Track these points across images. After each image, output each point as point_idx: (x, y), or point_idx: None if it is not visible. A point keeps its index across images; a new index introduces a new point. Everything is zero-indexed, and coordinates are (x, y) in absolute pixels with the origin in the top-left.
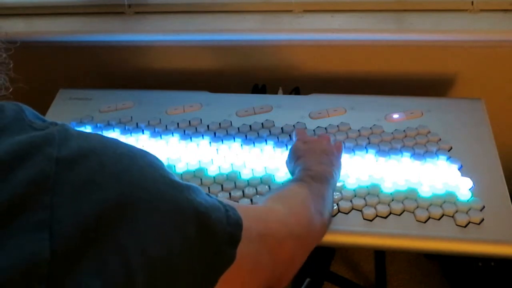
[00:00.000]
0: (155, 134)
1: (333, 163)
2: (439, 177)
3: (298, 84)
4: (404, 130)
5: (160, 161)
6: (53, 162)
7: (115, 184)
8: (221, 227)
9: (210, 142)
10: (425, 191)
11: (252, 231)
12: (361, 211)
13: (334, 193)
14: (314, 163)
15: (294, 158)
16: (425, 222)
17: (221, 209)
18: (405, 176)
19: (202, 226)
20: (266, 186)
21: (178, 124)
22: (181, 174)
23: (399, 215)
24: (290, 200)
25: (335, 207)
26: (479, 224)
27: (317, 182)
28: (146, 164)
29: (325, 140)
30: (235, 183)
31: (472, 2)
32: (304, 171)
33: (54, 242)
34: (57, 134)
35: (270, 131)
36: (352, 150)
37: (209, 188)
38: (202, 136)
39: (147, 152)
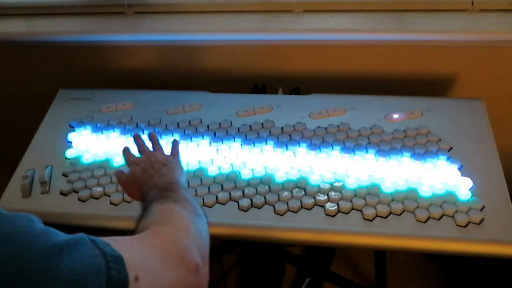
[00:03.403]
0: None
1: (174, 170)
2: (439, 177)
3: (298, 84)
4: (404, 130)
5: (22, 220)
6: None
7: None
8: None
9: (210, 142)
10: (425, 191)
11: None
12: (361, 211)
13: (334, 194)
14: (156, 179)
15: (137, 186)
16: (425, 222)
17: (102, 270)
18: (405, 176)
19: None
20: (266, 186)
21: (178, 124)
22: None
23: (399, 215)
24: (167, 218)
25: (335, 207)
26: (479, 224)
27: (172, 191)
28: None
29: (157, 151)
30: (235, 183)
31: (472, 2)
32: (153, 190)
33: None
34: None
35: (270, 131)
36: (352, 150)
37: (209, 188)
38: (202, 136)
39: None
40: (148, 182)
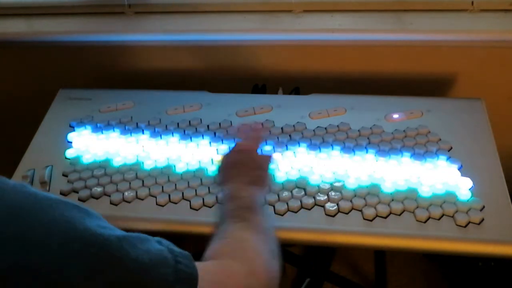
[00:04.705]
0: (155, 134)
1: (259, 178)
2: (439, 177)
3: (298, 84)
4: (404, 130)
5: (83, 212)
6: None
7: (12, 248)
8: (165, 284)
9: (210, 142)
10: (425, 191)
11: None
12: (361, 211)
13: (334, 194)
14: (242, 185)
15: (221, 175)
16: (425, 222)
17: (169, 262)
18: (405, 176)
19: (136, 286)
20: None
21: (178, 124)
22: (181, 174)
23: (399, 215)
24: (243, 253)
25: (335, 207)
26: (479, 224)
27: (252, 214)
28: (54, 218)
29: (254, 150)
30: None
31: (472, 2)
32: (233, 201)
33: None
34: None
35: (270, 131)
36: (352, 150)
37: (209, 188)
38: (202, 136)
39: (62, 202)
40: (232, 182)
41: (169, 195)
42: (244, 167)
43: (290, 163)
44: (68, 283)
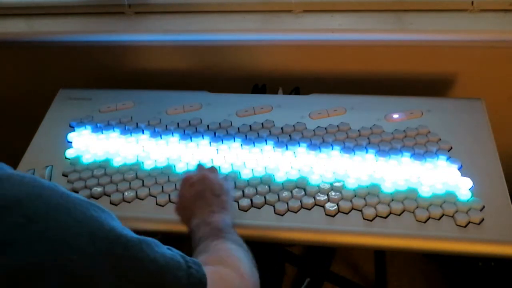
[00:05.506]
0: (155, 134)
1: (224, 204)
2: (439, 177)
3: (298, 84)
4: (404, 130)
5: (106, 213)
6: None
7: (38, 245)
8: (179, 287)
9: (210, 142)
10: (425, 191)
11: None
12: (361, 211)
13: (334, 193)
14: (206, 214)
15: (184, 210)
16: (425, 222)
17: (182, 266)
18: (405, 176)
19: (154, 286)
20: (266, 186)
21: (178, 124)
22: (181, 174)
23: (399, 215)
24: (229, 261)
25: (335, 207)
26: (479, 224)
27: (226, 233)
28: (85, 217)
29: (212, 175)
30: (235, 183)
31: (472, 2)
32: (205, 227)
33: None
34: None
35: (270, 131)
36: (352, 150)
37: None
38: (202, 136)
39: (89, 203)
40: (196, 214)
41: (169, 195)
42: (205, 198)
43: (290, 163)
44: (94, 280)
